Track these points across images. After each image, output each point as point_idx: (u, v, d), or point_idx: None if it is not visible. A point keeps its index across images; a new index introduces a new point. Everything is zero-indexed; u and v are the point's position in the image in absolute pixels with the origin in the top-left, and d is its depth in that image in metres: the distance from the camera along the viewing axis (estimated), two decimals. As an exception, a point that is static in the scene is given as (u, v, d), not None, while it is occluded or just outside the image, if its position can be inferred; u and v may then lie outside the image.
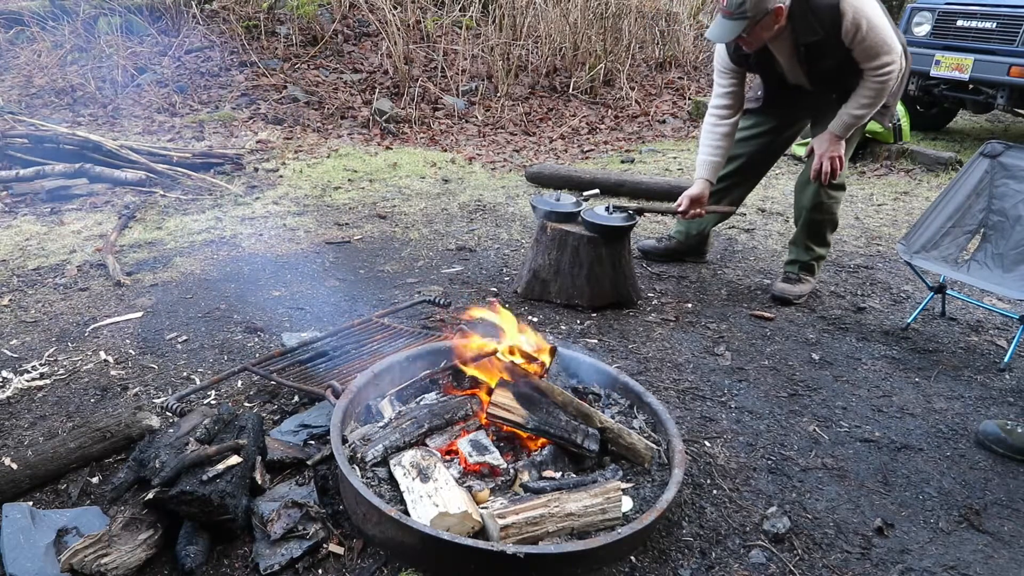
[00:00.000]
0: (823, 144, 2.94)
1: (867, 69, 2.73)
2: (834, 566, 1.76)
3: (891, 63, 2.69)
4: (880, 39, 2.65)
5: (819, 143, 2.96)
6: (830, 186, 3.07)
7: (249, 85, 6.53)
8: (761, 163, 3.37)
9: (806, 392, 2.54)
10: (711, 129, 3.08)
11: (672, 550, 1.76)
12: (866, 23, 2.63)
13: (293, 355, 2.40)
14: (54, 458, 1.86)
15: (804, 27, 2.71)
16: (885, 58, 2.68)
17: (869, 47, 2.67)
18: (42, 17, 6.72)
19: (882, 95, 2.78)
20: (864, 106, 2.80)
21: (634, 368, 2.61)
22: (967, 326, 3.15)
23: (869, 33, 2.64)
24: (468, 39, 7.37)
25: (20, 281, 3.08)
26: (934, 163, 5.60)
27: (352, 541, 1.70)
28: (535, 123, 6.69)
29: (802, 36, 2.74)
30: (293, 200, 4.33)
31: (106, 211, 3.95)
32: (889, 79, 2.72)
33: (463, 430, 1.98)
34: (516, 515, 1.62)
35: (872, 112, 2.85)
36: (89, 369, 2.42)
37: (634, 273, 3.18)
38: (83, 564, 1.52)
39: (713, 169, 3.09)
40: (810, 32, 2.71)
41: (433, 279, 3.33)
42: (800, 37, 2.74)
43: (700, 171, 3.10)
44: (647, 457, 1.94)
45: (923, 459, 2.21)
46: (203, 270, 3.29)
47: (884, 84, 2.74)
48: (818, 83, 2.94)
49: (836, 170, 2.97)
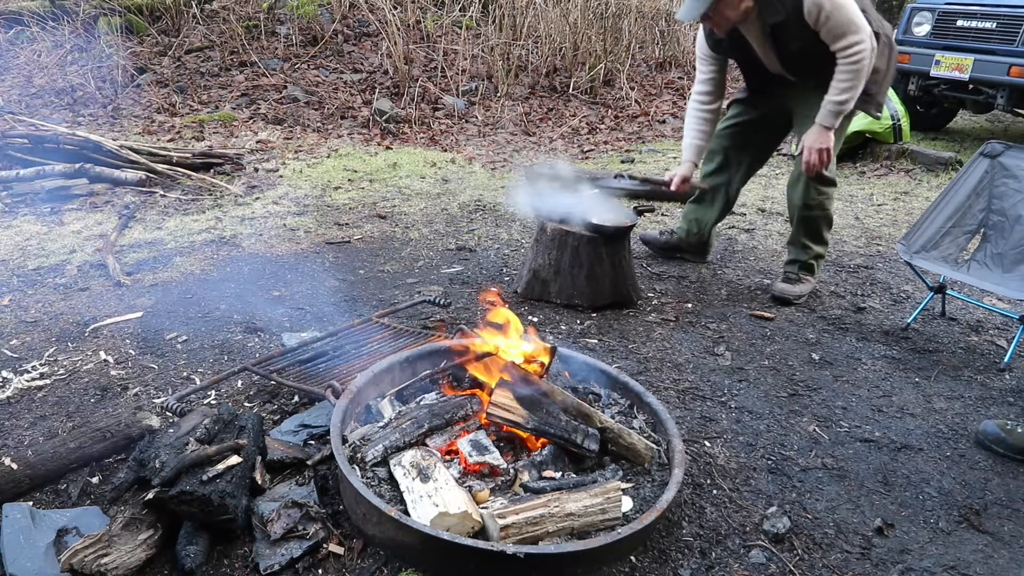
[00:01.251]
0: (811, 136, 2.94)
1: (837, 52, 2.73)
2: (834, 566, 1.76)
3: (859, 43, 2.68)
4: (845, 18, 2.65)
5: (807, 136, 2.96)
6: (820, 181, 3.07)
7: (249, 85, 6.53)
8: (750, 154, 3.37)
9: (806, 392, 2.54)
10: (694, 114, 3.18)
11: (672, 550, 1.76)
12: (829, 3, 2.64)
13: (293, 355, 2.40)
14: (54, 458, 1.86)
15: (768, 7, 2.74)
16: (852, 38, 2.67)
17: (834, 27, 2.67)
18: (42, 17, 6.71)
19: (858, 78, 2.75)
20: (843, 91, 2.77)
21: (634, 368, 2.61)
22: (967, 326, 3.15)
23: (833, 13, 2.64)
24: (468, 39, 7.37)
25: (20, 281, 3.08)
26: (934, 163, 5.60)
27: (352, 541, 1.70)
28: (535, 123, 6.69)
29: (768, 16, 2.76)
30: (293, 200, 4.33)
31: (106, 211, 3.95)
32: (860, 60, 2.70)
33: (463, 430, 1.98)
34: (516, 515, 1.62)
35: (853, 97, 2.81)
36: (89, 369, 2.42)
37: (634, 273, 3.18)
38: (83, 564, 1.52)
39: (697, 152, 3.21)
40: (774, 12, 2.74)
41: (433, 279, 3.33)
42: (767, 18, 2.77)
43: (686, 154, 3.23)
44: (647, 457, 1.94)
45: (923, 459, 2.21)
46: (203, 270, 3.29)
47: (856, 65, 2.71)
48: (793, 69, 2.95)
49: (823, 162, 2.97)
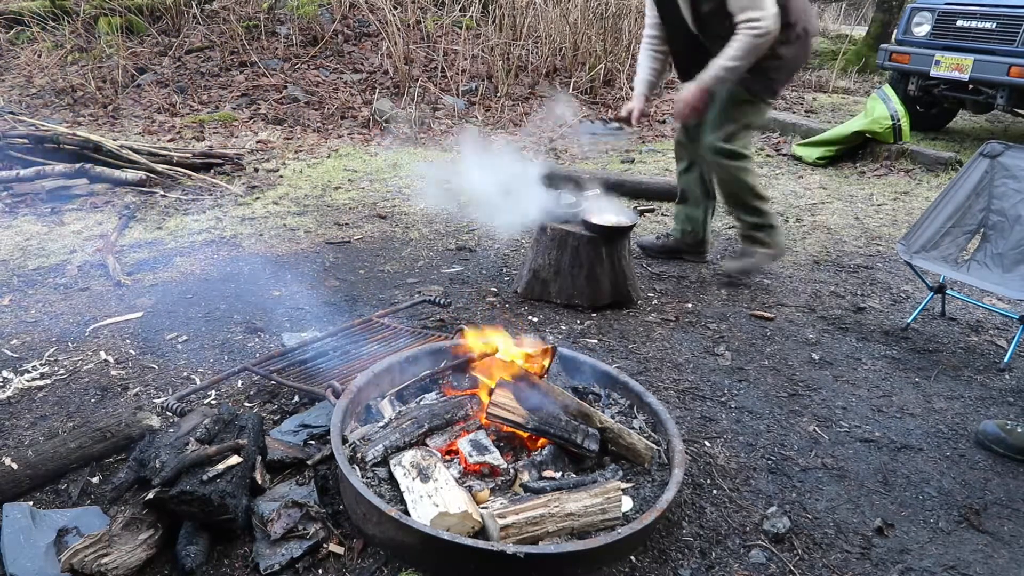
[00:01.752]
0: (685, 90, 3.03)
1: (738, 22, 2.81)
2: (834, 566, 1.76)
3: (759, 19, 2.76)
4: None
5: (683, 89, 3.05)
6: (726, 155, 3.12)
7: (249, 85, 6.53)
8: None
9: (806, 392, 2.55)
10: (646, 53, 3.34)
11: (672, 550, 1.77)
12: None
13: (293, 355, 2.40)
14: (54, 458, 1.86)
15: None
16: (754, 13, 2.75)
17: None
18: (42, 17, 6.72)
19: (749, 53, 2.83)
20: (731, 58, 2.85)
21: (634, 368, 2.61)
22: (967, 326, 3.15)
23: None
24: (468, 39, 7.37)
25: (20, 281, 3.09)
26: (934, 163, 5.60)
27: (352, 541, 1.70)
28: (535, 123, 6.69)
29: None
30: (293, 200, 4.33)
31: (106, 211, 3.95)
32: (756, 35, 2.78)
33: (463, 430, 1.98)
34: (516, 515, 1.62)
35: (738, 68, 2.88)
36: (89, 369, 2.42)
37: (634, 273, 3.18)
38: (83, 564, 1.52)
39: (650, 86, 3.37)
40: None
41: (433, 279, 3.33)
42: None
43: (639, 88, 3.36)
44: (647, 457, 1.94)
45: (923, 459, 2.21)
46: (203, 270, 3.29)
47: (751, 40, 2.80)
48: (704, 29, 3.01)
49: (687, 116, 3.06)
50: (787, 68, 3.08)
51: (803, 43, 3.02)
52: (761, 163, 5.82)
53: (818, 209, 4.69)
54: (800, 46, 3.01)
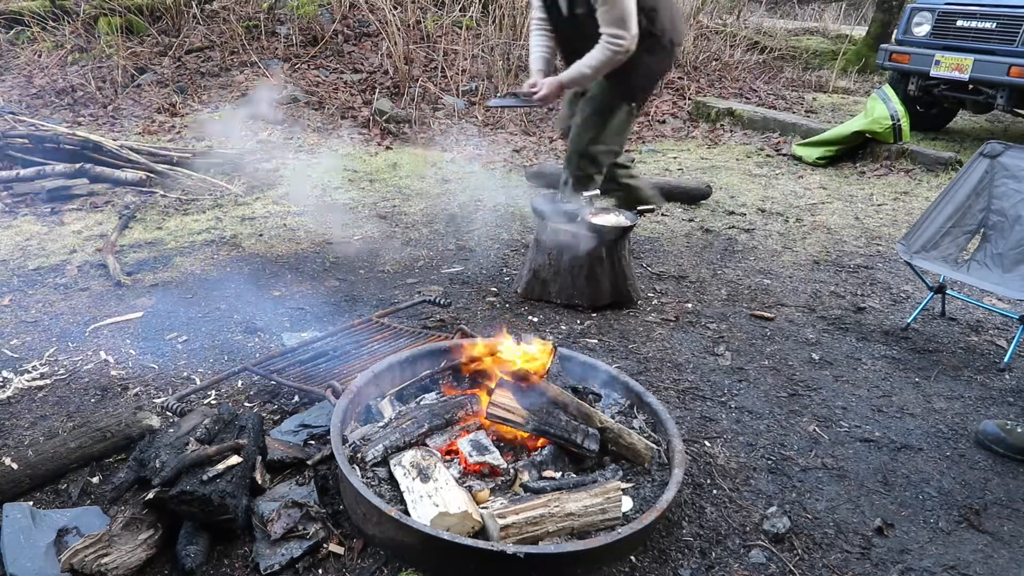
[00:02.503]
0: (546, 83, 3.13)
1: (603, 34, 2.92)
2: (834, 566, 1.76)
3: (620, 39, 2.88)
4: (619, 14, 2.84)
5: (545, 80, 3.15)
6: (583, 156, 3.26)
7: (249, 85, 6.53)
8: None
9: (806, 392, 2.55)
10: (536, 34, 3.40)
11: (672, 550, 1.77)
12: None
13: (293, 355, 2.40)
14: (54, 458, 1.86)
15: None
16: (618, 31, 2.88)
17: (606, 13, 2.86)
18: (42, 17, 6.72)
19: (606, 64, 2.95)
20: (589, 67, 2.97)
21: (634, 368, 2.61)
22: (967, 326, 3.15)
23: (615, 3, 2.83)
24: (468, 39, 7.37)
25: (20, 281, 3.09)
26: (934, 163, 5.60)
27: (352, 541, 1.70)
28: (535, 123, 6.69)
29: None
30: (293, 200, 4.33)
31: (106, 211, 3.95)
32: (615, 51, 2.90)
33: (463, 430, 1.98)
34: (516, 515, 1.62)
35: (594, 76, 3.01)
36: (89, 369, 2.42)
37: (634, 273, 3.18)
38: (83, 564, 1.52)
39: (546, 63, 3.39)
40: None
41: (433, 279, 3.33)
42: None
43: (536, 65, 3.39)
44: (647, 457, 1.94)
45: (923, 459, 2.21)
46: (203, 270, 3.29)
47: (609, 55, 2.91)
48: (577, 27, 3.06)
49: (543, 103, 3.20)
50: (652, 75, 3.24)
51: (668, 53, 3.18)
52: (761, 163, 5.83)
53: (818, 209, 4.69)
54: (665, 55, 3.18)
